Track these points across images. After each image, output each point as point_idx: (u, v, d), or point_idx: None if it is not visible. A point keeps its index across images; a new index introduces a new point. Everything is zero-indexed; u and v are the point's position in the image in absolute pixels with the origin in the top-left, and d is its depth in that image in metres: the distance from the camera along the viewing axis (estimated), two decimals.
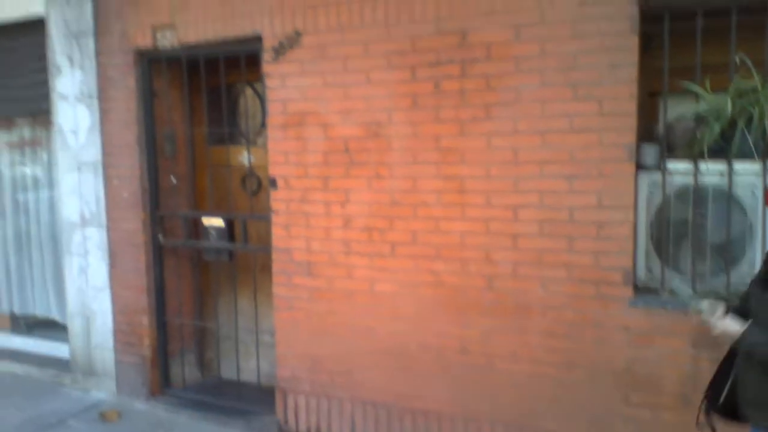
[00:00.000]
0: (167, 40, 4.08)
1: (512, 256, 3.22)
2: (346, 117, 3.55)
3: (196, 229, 4.37)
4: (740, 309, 2.14)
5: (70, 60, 4.47)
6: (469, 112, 3.23)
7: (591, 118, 2.99)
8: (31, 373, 5.03)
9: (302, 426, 3.89)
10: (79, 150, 4.52)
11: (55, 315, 5.27)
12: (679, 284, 2.90)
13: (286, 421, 3.94)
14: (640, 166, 3.01)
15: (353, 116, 3.53)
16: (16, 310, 5.54)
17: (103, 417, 4.26)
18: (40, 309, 5.38)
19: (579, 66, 2.99)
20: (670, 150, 3.03)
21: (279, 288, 3.88)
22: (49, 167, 5.12)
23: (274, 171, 3.82)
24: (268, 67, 3.73)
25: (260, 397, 4.20)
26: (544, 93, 3.07)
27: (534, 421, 3.25)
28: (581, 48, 2.98)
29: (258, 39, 3.76)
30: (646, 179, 3.01)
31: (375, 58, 3.44)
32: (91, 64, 4.39)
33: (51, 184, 5.13)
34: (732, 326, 2.05)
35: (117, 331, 4.54)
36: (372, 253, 3.57)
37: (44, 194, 5.24)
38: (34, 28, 4.67)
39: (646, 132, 3.09)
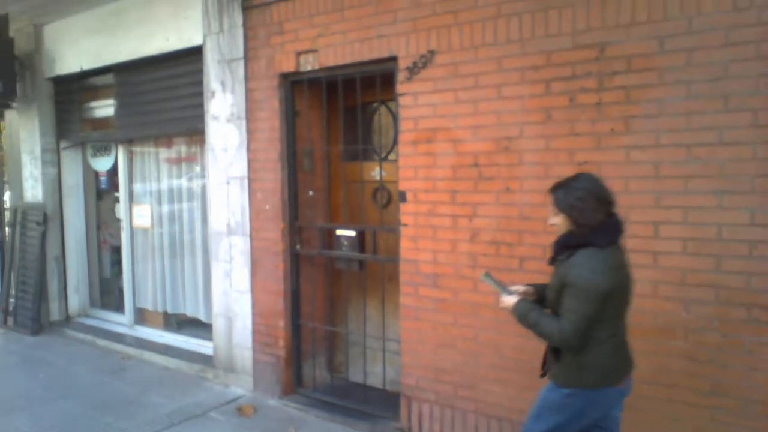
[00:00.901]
0: (309, 64, 4.15)
1: (652, 275, 2.91)
2: (476, 132, 3.41)
3: (330, 240, 4.38)
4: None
5: (223, 84, 4.66)
6: (606, 126, 2.98)
7: (744, 130, 2.65)
8: (180, 367, 5.25)
9: None
10: (228, 166, 4.70)
11: (201, 315, 5.49)
12: None
13: (410, 428, 3.80)
14: None
15: (483, 131, 3.38)
16: (169, 309, 5.84)
17: (241, 411, 4.34)
18: (189, 309, 5.64)
19: (730, 75, 2.67)
20: None
21: (406, 298, 3.78)
22: (202, 181, 5.37)
23: (403, 185, 3.74)
24: (401, 86, 3.68)
25: (385, 401, 4.10)
26: (690, 105, 2.76)
27: None
28: (733, 56, 2.66)
29: (393, 60, 3.73)
30: None
31: (508, 73, 3.28)
32: (240, 87, 4.55)
33: (202, 196, 5.38)
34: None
35: (255, 332, 4.63)
36: (499, 267, 3.37)
37: (196, 205, 5.51)
38: (192, 57, 4.94)
39: None
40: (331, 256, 4.40)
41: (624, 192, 2.95)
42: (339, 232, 4.27)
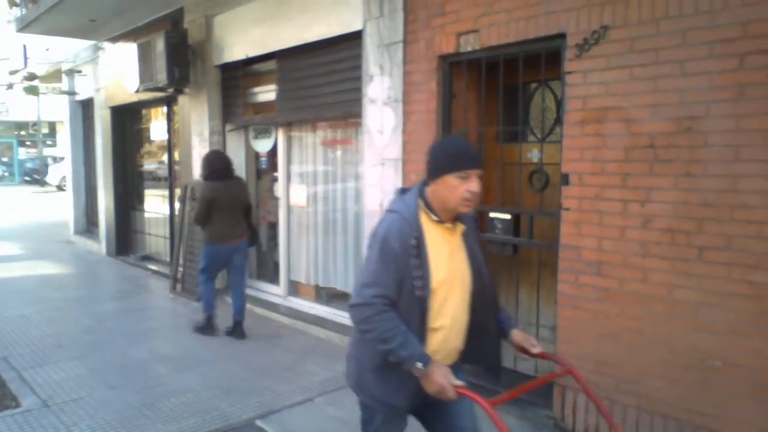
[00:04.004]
0: (470, 45, 4.09)
1: None
2: (653, 111, 3.17)
3: (483, 223, 4.31)
4: None
5: (381, 68, 4.74)
6: None
7: None
8: (330, 338, 5.47)
9: (579, 425, 3.59)
10: (383, 148, 4.77)
11: (351, 290, 5.65)
12: None
13: (563, 418, 3.67)
14: None
15: (662, 110, 3.13)
16: (321, 283, 6.10)
17: None
18: (339, 283, 5.85)
19: None
20: None
21: (565, 286, 3.63)
22: (355, 163, 5.52)
23: (567, 167, 3.58)
24: (570, 64, 3.51)
25: (536, 389, 3.97)
26: None
27: None
28: None
29: (561, 36, 3.56)
30: None
31: (693, 47, 3.00)
32: (398, 71, 4.60)
33: (355, 177, 5.53)
34: None
35: None
36: (674, 257, 3.14)
37: (349, 186, 5.68)
38: (351, 42, 5.07)
39: None
40: (485, 240, 4.33)
41: None
42: (493, 214, 4.19)
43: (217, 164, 5.44)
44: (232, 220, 5.43)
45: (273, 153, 6.63)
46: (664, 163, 3.14)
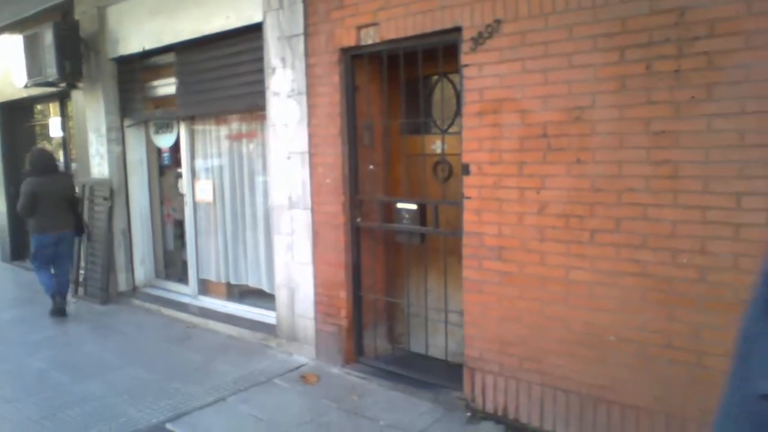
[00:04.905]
0: (370, 38, 4.04)
1: (733, 248, 2.74)
2: (545, 102, 3.26)
3: (390, 213, 4.32)
4: None
5: (283, 61, 4.61)
6: (686, 94, 2.80)
7: None
8: (243, 335, 5.32)
9: (489, 405, 3.68)
10: (289, 141, 4.66)
11: (263, 286, 5.54)
12: None
13: (473, 399, 3.75)
14: None
15: (553, 101, 3.23)
16: (232, 280, 5.91)
17: (304, 379, 4.37)
18: (251, 280, 5.69)
19: None
20: None
21: (469, 271, 3.70)
22: (262, 156, 5.37)
23: (467, 158, 3.63)
24: (466, 57, 3.54)
25: (447, 372, 4.06)
26: None
27: None
28: None
29: (457, 30, 3.59)
30: None
31: (579, 41, 3.11)
32: (300, 63, 4.49)
33: (263, 171, 5.38)
34: None
35: (317, 303, 4.63)
36: (568, 240, 3.26)
37: (257, 180, 5.52)
38: (252, 35, 4.90)
39: None
40: (392, 229, 4.35)
41: (704, 162, 2.79)
42: (399, 205, 4.20)
43: (41, 160, 6.09)
44: (56, 211, 6.02)
45: (176, 148, 6.33)
46: (556, 152, 3.24)
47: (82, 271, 6.94)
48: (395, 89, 4.23)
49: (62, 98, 7.84)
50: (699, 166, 2.80)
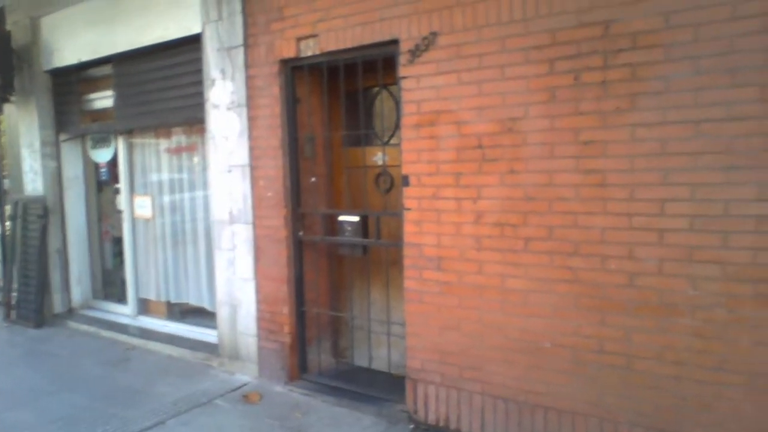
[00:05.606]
0: (310, 49, 4.05)
1: (658, 253, 2.84)
2: (479, 113, 3.33)
3: (333, 225, 4.30)
4: None
5: (223, 72, 4.56)
6: (612, 104, 2.91)
7: (751, 104, 2.58)
8: (184, 356, 5.17)
9: (431, 416, 3.68)
10: (229, 154, 4.60)
11: (205, 304, 5.41)
12: None
13: (416, 411, 3.74)
14: None
15: (487, 112, 3.30)
16: (172, 299, 5.75)
17: (246, 398, 4.27)
18: (192, 298, 5.55)
19: (738, 50, 2.60)
20: None
21: (410, 282, 3.71)
22: (203, 170, 5.27)
23: (407, 169, 3.65)
24: (404, 69, 3.59)
25: (391, 385, 4.04)
26: (698, 81, 2.69)
27: (678, 425, 2.85)
28: (740, 30, 2.59)
29: (395, 43, 3.63)
30: None
31: (511, 53, 3.19)
32: (240, 75, 4.45)
33: (204, 185, 5.29)
34: None
35: (260, 319, 4.55)
36: (504, 249, 3.31)
37: (198, 194, 5.41)
38: (191, 46, 4.83)
39: None
40: (334, 242, 4.32)
41: (629, 170, 2.89)
42: (342, 217, 4.19)
43: None
44: None
45: (114, 163, 6.15)
46: (491, 162, 3.30)
47: (14, 293, 6.62)
48: (336, 101, 4.24)
49: None
50: (625, 175, 2.90)
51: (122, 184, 6.00)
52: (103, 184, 6.56)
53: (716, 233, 2.71)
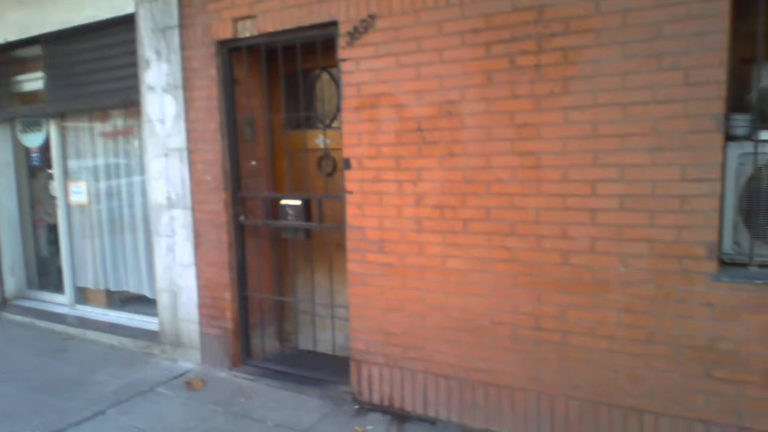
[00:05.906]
0: (247, 30, 3.95)
1: (590, 232, 2.94)
2: (418, 97, 3.33)
3: (275, 209, 4.25)
4: None
5: (158, 53, 4.41)
6: (545, 87, 2.96)
7: (676, 88, 2.68)
8: (125, 344, 5.05)
9: (375, 396, 3.72)
10: (166, 137, 4.47)
11: (145, 291, 5.28)
12: None
13: (360, 391, 3.77)
14: (729, 137, 2.68)
15: (426, 96, 3.31)
16: (111, 287, 5.58)
17: (189, 385, 4.21)
18: (132, 286, 5.40)
19: (663, 35, 2.68)
20: (763, 119, 2.68)
21: (353, 264, 3.71)
22: (140, 154, 5.11)
23: (348, 152, 3.64)
24: (343, 51, 3.55)
25: (335, 367, 4.06)
26: (626, 65, 2.77)
27: (610, 397, 2.98)
28: (666, 17, 2.67)
29: (334, 24, 3.59)
30: (736, 150, 2.67)
31: (448, 37, 3.20)
32: (176, 56, 4.31)
33: (141, 169, 5.12)
34: None
35: (201, 306, 4.48)
36: (444, 230, 3.35)
37: (135, 179, 5.25)
38: (125, 26, 4.64)
39: (737, 101, 2.74)
40: (277, 226, 4.28)
41: (562, 152, 2.96)
42: (284, 201, 4.14)
43: None
44: None
45: (46, 148, 5.87)
46: (430, 145, 3.32)
47: None
48: (276, 83, 4.17)
49: None
50: (558, 157, 2.97)
51: (55, 170, 5.75)
52: (35, 169, 6.27)
53: (644, 212, 2.81)
